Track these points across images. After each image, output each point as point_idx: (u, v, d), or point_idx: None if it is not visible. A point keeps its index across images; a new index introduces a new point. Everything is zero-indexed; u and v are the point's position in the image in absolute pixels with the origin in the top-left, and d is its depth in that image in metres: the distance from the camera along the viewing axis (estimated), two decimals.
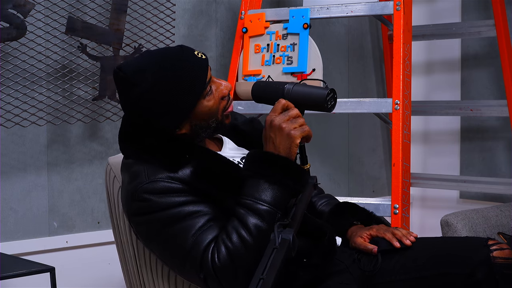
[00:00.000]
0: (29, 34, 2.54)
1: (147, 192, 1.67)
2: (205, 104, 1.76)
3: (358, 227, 1.92)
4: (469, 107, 3.42)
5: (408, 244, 1.82)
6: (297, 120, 1.64)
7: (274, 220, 1.60)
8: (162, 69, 1.71)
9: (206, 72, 1.75)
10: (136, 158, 1.75)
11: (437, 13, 3.79)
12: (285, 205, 1.64)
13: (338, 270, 1.81)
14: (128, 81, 1.71)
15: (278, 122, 1.64)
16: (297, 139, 1.63)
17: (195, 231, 1.64)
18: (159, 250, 1.72)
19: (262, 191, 1.62)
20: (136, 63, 1.74)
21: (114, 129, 2.85)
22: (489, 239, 1.76)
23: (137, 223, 1.73)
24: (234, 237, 1.60)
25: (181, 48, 1.77)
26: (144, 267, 1.92)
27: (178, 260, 1.67)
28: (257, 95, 1.73)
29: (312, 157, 2.37)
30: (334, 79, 3.61)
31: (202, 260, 1.61)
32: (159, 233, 1.68)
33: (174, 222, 1.65)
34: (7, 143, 2.62)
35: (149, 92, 1.70)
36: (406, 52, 2.61)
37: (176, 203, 1.66)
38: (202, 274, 1.62)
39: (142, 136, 1.76)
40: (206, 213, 1.66)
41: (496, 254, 1.70)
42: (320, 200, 2.08)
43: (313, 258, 1.70)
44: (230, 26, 3.22)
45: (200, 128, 1.78)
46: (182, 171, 1.69)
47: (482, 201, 3.60)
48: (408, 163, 2.58)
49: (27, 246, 2.67)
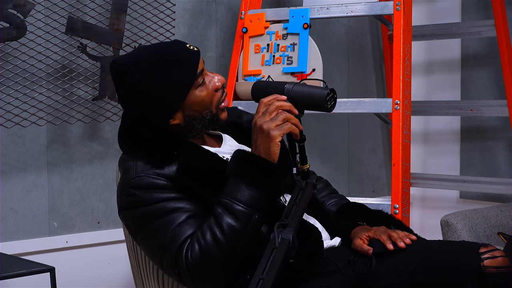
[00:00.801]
0: (29, 34, 2.54)
1: (133, 187, 1.71)
2: (197, 95, 1.79)
3: (363, 227, 1.91)
4: (469, 107, 3.42)
5: (402, 247, 1.79)
6: (278, 116, 1.64)
7: (250, 221, 1.62)
8: (154, 59, 1.76)
9: (197, 63, 1.78)
10: (130, 154, 1.79)
11: (437, 13, 3.79)
12: (264, 206, 1.65)
13: (329, 271, 1.80)
14: (122, 72, 1.77)
15: (259, 124, 1.65)
16: (276, 138, 1.63)
17: (174, 227, 1.67)
18: (143, 244, 1.76)
19: (239, 191, 1.64)
20: (130, 55, 1.82)
21: (114, 129, 2.85)
22: (481, 246, 1.72)
23: (124, 217, 1.78)
24: (207, 235, 1.62)
25: (174, 42, 1.83)
26: (140, 263, 1.95)
27: (158, 254, 1.71)
28: (257, 95, 1.74)
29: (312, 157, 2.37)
30: (334, 79, 3.61)
31: (176, 256, 1.65)
32: (142, 227, 1.72)
33: (156, 217, 1.69)
34: (7, 143, 2.62)
35: (142, 81, 1.75)
36: (406, 52, 2.61)
37: (159, 199, 1.69)
38: (176, 270, 1.66)
39: (137, 130, 1.79)
40: (187, 210, 1.69)
41: (487, 263, 1.67)
42: (329, 200, 2.08)
43: (296, 259, 1.69)
44: (230, 26, 3.22)
45: (193, 119, 1.80)
46: (169, 167, 1.72)
47: (482, 201, 3.60)
48: (408, 163, 2.58)
49: (27, 246, 2.67)
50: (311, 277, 1.75)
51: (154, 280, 1.93)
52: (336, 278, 1.80)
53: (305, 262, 1.71)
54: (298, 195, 1.64)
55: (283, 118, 1.64)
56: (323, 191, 2.10)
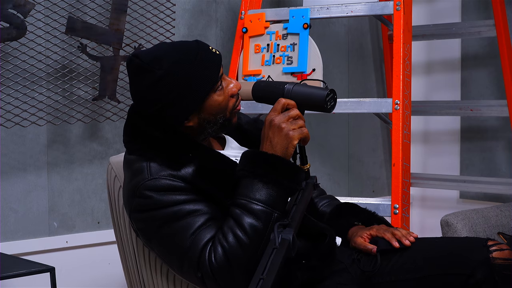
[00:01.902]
0: (29, 34, 2.54)
1: (149, 189, 1.68)
2: (216, 99, 1.77)
3: (359, 227, 1.93)
4: (469, 107, 3.42)
5: (407, 245, 1.82)
6: (297, 121, 1.65)
7: (270, 220, 1.60)
8: (178, 58, 1.73)
9: (219, 67, 1.77)
10: (139, 155, 1.75)
11: (437, 13, 3.79)
12: (282, 204, 1.64)
13: (337, 270, 1.81)
14: (143, 68, 1.72)
15: (278, 122, 1.64)
16: (295, 140, 1.64)
17: (194, 230, 1.64)
18: (158, 248, 1.73)
19: (256, 190, 1.62)
20: (153, 51, 1.76)
21: (114, 129, 2.85)
22: (488, 240, 1.76)
23: (137, 220, 1.74)
24: (230, 237, 1.60)
25: (197, 42, 1.79)
26: (144, 265, 1.93)
27: (177, 258, 1.67)
28: (257, 95, 1.74)
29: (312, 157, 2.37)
30: (334, 79, 3.61)
31: (199, 260, 1.62)
32: (158, 231, 1.68)
33: (174, 220, 1.66)
34: (7, 143, 2.62)
35: (163, 79, 1.71)
36: (406, 52, 2.61)
37: (177, 201, 1.66)
38: (199, 274, 1.63)
39: (148, 129, 1.76)
40: (205, 212, 1.67)
41: (495, 255, 1.70)
42: (321, 201, 2.08)
43: (311, 259, 1.69)
44: (230, 26, 3.22)
45: (207, 122, 1.78)
46: (185, 169, 1.70)
47: (482, 201, 3.60)
48: (408, 163, 2.58)
49: (27, 246, 2.67)
50: (327, 276, 1.76)
51: (163, 282, 1.90)
52: (346, 276, 1.82)
53: (322, 262, 1.72)
54: (298, 195, 1.64)
55: (301, 124, 1.65)
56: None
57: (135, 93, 1.78)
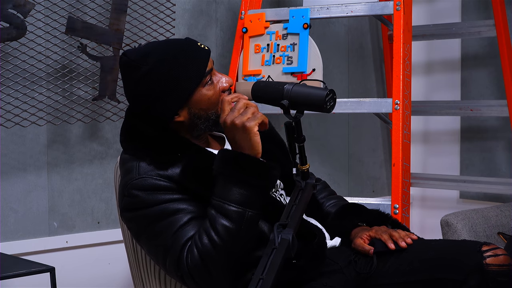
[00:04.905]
0: (29, 34, 2.54)
1: (136, 188, 1.71)
2: (204, 93, 1.78)
3: (362, 228, 1.92)
4: (469, 107, 3.42)
5: (403, 246, 1.81)
6: (247, 110, 1.66)
7: (243, 219, 1.62)
8: (164, 54, 1.75)
9: (207, 61, 1.78)
10: (132, 154, 1.78)
11: (437, 13, 3.79)
12: (256, 201, 1.65)
13: (330, 271, 1.80)
14: (130, 64, 1.76)
15: (230, 120, 1.66)
16: (253, 128, 1.64)
17: (176, 229, 1.67)
18: (146, 246, 1.76)
19: (228, 190, 1.64)
20: (141, 49, 1.80)
21: (114, 129, 2.85)
22: (484, 244, 1.72)
23: (126, 219, 1.77)
24: (204, 238, 1.62)
25: (185, 39, 1.82)
26: (141, 264, 1.95)
27: (162, 257, 1.70)
28: (257, 95, 1.74)
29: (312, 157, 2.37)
30: (334, 79, 3.61)
31: (178, 260, 1.65)
32: (145, 230, 1.72)
33: (159, 219, 1.69)
34: (7, 143, 2.62)
35: (149, 75, 1.74)
36: (406, 52, 2.61)
37: (162, 200, 1.69)
38: (179, 273, 1.66)
39: (141, 127, 1.79)
40: (190, 211, 1.69)
41: (489, 261, 1.67)
42: (328, 201, 2.08)
43: (300, 259, 1.69)
44: (230, 26, 3.22)
45: (198, 118, 1.79)
46: (172, 169, 1.72)
47: (482, 201, 3.60)
48: (408, 163, 2.58)
49: (27, 246, 2.67)
50: (314, 277, 1.76)
51: (156, 281, 1.92)
52: (338, 278, 1.81)
53: (309, 263, 1.72)
54: (298, 195, 1.64)
55: (253, 111, 1.66)
56: (322, 193, 2.11)
57: (125, 90, 1.82)
